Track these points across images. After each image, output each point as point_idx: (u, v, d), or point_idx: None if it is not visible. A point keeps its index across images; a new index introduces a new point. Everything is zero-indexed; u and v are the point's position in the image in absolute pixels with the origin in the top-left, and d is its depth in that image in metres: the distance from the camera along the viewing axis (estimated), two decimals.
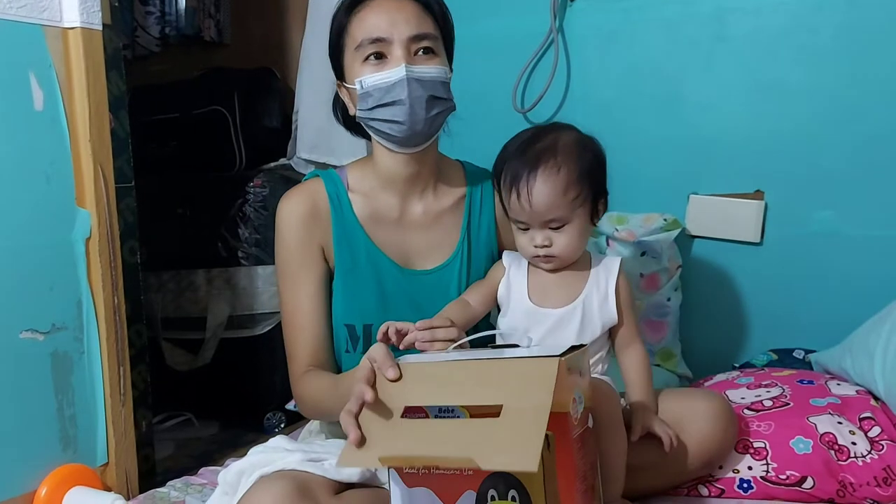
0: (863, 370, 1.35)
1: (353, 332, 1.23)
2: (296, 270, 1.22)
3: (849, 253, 1.62)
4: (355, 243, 1.23)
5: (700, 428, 1.17)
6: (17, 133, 1.30)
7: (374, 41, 1.14)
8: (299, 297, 1.22)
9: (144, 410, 1.51)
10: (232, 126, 2.07)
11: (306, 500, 0.98)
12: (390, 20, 1.14)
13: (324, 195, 1.23)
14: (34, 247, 1.32)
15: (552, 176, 1.11)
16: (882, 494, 1.17)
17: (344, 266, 1.23)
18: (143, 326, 1.51)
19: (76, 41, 1.36)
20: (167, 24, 2.22)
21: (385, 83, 1.14)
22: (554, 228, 1.14)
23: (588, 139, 1.18)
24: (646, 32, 1.77)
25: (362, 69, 1.15)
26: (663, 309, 1.74)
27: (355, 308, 1.23)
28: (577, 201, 1.13)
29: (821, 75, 1.63)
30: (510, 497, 0.87)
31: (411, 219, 1.26)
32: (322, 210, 1.23)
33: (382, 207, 1.25)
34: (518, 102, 1.90)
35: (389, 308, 1.22)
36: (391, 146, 1.19)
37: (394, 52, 1.14)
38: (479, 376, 0.89)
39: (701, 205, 1.75)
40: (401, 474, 0.91)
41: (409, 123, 1.15)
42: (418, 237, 1.26)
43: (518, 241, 1.18)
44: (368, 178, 1.26)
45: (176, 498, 1.31)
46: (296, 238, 1.22)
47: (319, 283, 1.23)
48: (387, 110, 1.15)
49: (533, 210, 1.12)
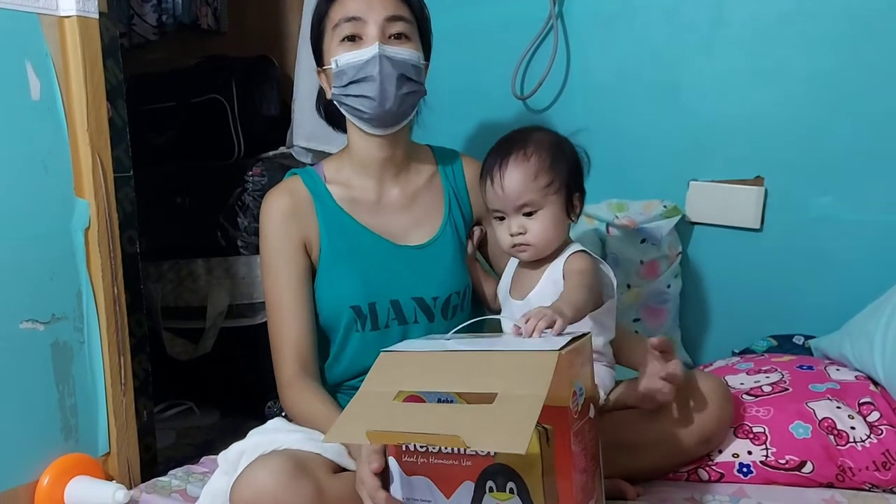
0: (862, 355, 1.35)
1: (360, 312, 1.27)
2: (279, 266, 1.26)
3: (849, 238, 1.62)
4: (345, 228, 1.28)
5: (698, 405, 1.19)
6: (15, 123, 1.29)
7: (349, 20, 1.21)
8: (282, 292, 1.25)
9: (145, 400, 1.52)
10: (230, 114, 2.06)
11: (304, 477, 0.99)
12: (367, 3, 1.21)
13: (304, 190, 1.29)
14: (33, 237, 1.32)
15: (523, 162, 1.18)
16: (881, 479, 1.18)
17: (338, 252, 1.27)
18: (143, 316, 1.51)
19: (72, 30, 1.35)
20: (164, 12, 2.20)
21: (358, 61, 1.21)
22: (527, 215, 1.18)
23: (563, 139, 1.24)
24: (645, 18, 1.76)
25: (338, 49, 1.22)
26: (663, 296, 1.74)
27: (358, 288, 1.26)
28: (549, 189, 1.18)
29: (821, 61, 1.62)
30: (508, 489, 0.87)
31: (389, 201, 1.32)
32: (304, 204, 1.28)
33: (360, 192, 1.31)
34: (517, 89, 1.89)
35: (392, 281, 1.27)
36: (364, 126, 1.26)
37: (368, 31, 1.21)
38: (477, 367, 0.89)
39: (701, 191, 1.74)
40: (400, 462, 0.92)
41: (379, 99, 1.21)
42: (398, 217, 1.32)
43: (497, 233, 1.23)
44: (345, 167, 1.32)
45: (178, 486, 1.32)
46: (278, 234, 1.26)
47: (302, 279, 1.26)
48: (358, 86, 1.21)
49: (505, 194, 1.18)
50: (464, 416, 0.81)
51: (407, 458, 0.91)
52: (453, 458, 0.88)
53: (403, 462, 0.91)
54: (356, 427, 0.83)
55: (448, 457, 0.89)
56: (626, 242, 1.72)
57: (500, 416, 0.78)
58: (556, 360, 0.82)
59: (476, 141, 1.92)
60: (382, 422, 0.83)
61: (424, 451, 0.90)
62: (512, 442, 0.74)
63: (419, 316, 1.30)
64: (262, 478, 0.98)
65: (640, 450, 1.19)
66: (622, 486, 1.16)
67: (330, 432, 0.86)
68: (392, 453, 0.92)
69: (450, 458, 0.89)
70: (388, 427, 0.82)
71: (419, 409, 0.86)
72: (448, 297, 1.31)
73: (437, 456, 0.89)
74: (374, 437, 0.82)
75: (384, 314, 1.28)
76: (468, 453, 0.87)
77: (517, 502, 0.86)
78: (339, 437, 0.90)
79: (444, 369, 0.91)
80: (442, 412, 0.84)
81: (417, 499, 0.91)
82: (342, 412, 0.87)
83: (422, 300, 1.30)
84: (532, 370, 0.82)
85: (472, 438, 0.76)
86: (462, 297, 1.33)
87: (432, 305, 1.30)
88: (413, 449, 0.90)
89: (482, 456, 0.87)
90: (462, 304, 1.34)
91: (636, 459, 1.19)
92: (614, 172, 1.78)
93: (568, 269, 1.18)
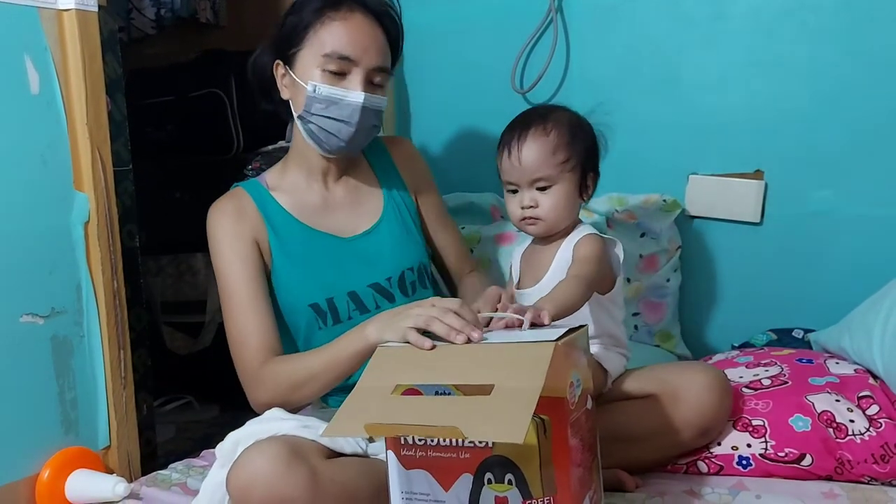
0: (861, 349, 1.35)
1: (320, 309, 1.28)
2: (233, 262, 1.26)
3: (848, 232, 1.62)
4: (291, 232, 1.30)
5: (696, 395, 1.19)
6: (14, 117, 1.29)
7: (342, 58, 1.22)
8: (239, 286, 1.25)
9: (145, 394, 1.52)
10: (229, 108, 2.06)
11: (299, 462, 0.99)
12: (363, 45, 1.23)
13: (248, 198, 1.31)
14: (33, 231, 1.32)
15: (542, 136, 1.18)
16: (880, 471, 1.18)
17: (287, 254, 1.28)
18: (142, 310, 1.52)
19: (71, 23, 1.35)
20: (162, 6, 2.20)
21: (339, 98, 1.23)
22: (540, 189, 1.19)
23: (584, 120, 1.24)
24: (645, 11, 1.76)
25: (321, 76, 1.23)
26: (662, 290, 1.74)
27: (313, 286, 1.28)
28: (566, 165, 1.18)
29: (821, 54, 1.62)
30: (507, 481, 0.87)
31: (334, 200, 1.35)
32: (248, 209, 1.29)
33: (307, 197, 1.33)
34: (517, 82, 1.88)
35: (346, 274, 1.30)
36: (318, 150, 1.29)
37: (355, 74, 1.23)
38: (473, 359, 0.90)
39: (700, 185, 1.74)
40: (399, 456, 0.92)
41: (346, 143, 1.26)
42: (344, 213, 1.35)
43: (508, 206, 1.24)
44: (289, 173, 1.35)
45: (178, 480, 1.32)
46: (229, 232, 1.27)
47: (258, 274, 1.26)
48: (332, 123, 1.24)
49: (522, 167, 1.18)
50: (461, 407, 0.81)
51: (406, 451, 0.91)
52: (452, 450, 0.88)
53: (402, 456, 0.91)
54: (354, 421, 0.83)
55: (446, 449, 0.89)
56: (625, 236, 1.72)
57: (497, 406, 0.78)
58: (553, 351, 0.83)
59: (475, 135, 1.92)
60: (381, 415, 0.83)
61: (423, 445, 0.90)
62: (509, 431, 0.74)
63: (379, 300, 1.31)
64: (258, 464, 0.98)
65: (639, 441, 1.19)
66: (621, 477, 1.17)
67: (328, 427, 0.86)
68: (391, 447, 0.92)
69: (448, 451, 0.89)
70: (386, 420, 0.82)
71: (417, 402, 0.86)
72: (402, 274, 1.33)
73: (435, 449, 0.89)
74: (373, 430, 0.82)
75: (343, 307, 1.29)
76: (466, 445, 0.87)
77: (515, 493, 0.86)
78: (337, 432, 0.90)
79: (441, 362, 0.91)
80: (439, 404, 0.85)
81: (416, 492, 0.91)
82: (340, 407, 0.87)
83: (377, 285, 1.31)
84: (528, 361, 0.83)
85: (469, 429, 0.77)
86: (417, 272, 1.36)
87: (387, 286, 1.32)
88: (412, 442, 0.90)
89: (480, 448, 0.87)
90: (421, 280, 1.36)
91: (635, 451, 1.20)
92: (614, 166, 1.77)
93: (576, 254, 1.18)
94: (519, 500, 0.86)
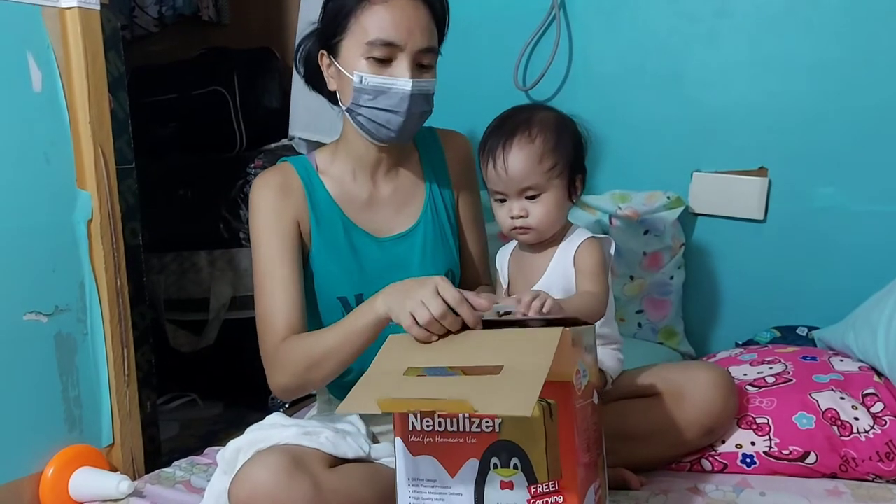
0: (866, 346, 1.35)
1: (347, 304, 1.25)
2: (271, 238, 1.22)
3: (852, 229, 1.62)
4: (333, 220, 1.26)
5: (701, 395, 1.19)
6: (16, 114, 1.29)
7: (386, 44, 1.16)
8: (275, 264, 1.21)
9: (149, 391, 1.52)
10: (232, 106, 2.06)
11: (301, 472, 0.99)
12: (407, 28, 1.16)
13: (296, 176, 1.26)
14: (36, 229, 1.32)
15: (527, 144, 1.15)
16: (884, 469, 1.18)
17: (326, 242, 1.25)
18: (145, 308, 1.52)
19: (74, 21, 1.35)
20: (164, 4, 2.20)
21: (386, 87, 1.17)
22: (530, 198, 1.16)
23: (566, 118, 1.21)
24: (648, 8, 1.75)
25: (364, 64, 1.17)
26: (666, 287, 1.74)
27: (344, 280, 1.25)
28: (553, 172, 1.15)
29: (824, 51, 1.61)
30: (512, 465, 0.88)
31: (380, 197, 1.30)
32: (295, 187, 1.25)
33: (353, 189, 1.28)
34: (520, 80, 1.88)
35: (377, 274, 1.25)
36: (370, 139, 1.23)
37: (401, 60, 1.17)
38: (483, 344, 0.93)
39: (704, 182, 1.74)
40: (406, 443, 0.93)
41: (397, 132, 1.20)
42: (386, 211, 1.30)
43: (496, 215, 1.21)
44: (339, 161, 1.29)
45: (181, 478, 1.32)
46: (272, 208, 1.22)
47: (295, 254, 1.22)
48: (381, 114, 1.19)
49: (509, 177, 1.15)
50: (471, 384, 0.84)
51: (413, 437, 0.92)
52: (459, 436, 0.90)
53: (410, 442, 0.93)
54: (367, 398, 0.86)
55: (454, 435, 0.90)
56: (629, 234, 1.72)
57: (506, 383, 0.81)
58: (560, 335, 0.85)
59: (478, 133, 1.91)
60: (393, 393, 0.86)
61: (431, 430, 0.91)
62: (518, 405, 0.77)
63: None
64: (260, 475, 0.98)
65: (644, 440, 1.19)
66: (626, 475, 1.17)
67: (343, 404, 0.88)
68: (399, 433, 0.94)
69: (455, 437, 0.90)
70: (397, 394, 0.85)
71: (428, 381, 0.89)
72: None
73: (442, 434, 0.91)
74: (385, 405, 0.84)
75: None
76: (473, 430, 0.89)
77: (521, 478, 0.88)
78: (351, 408, 0.90)
79: (451, 347, 0.94)
80: (450, 382, 0.88)
81: (423, 478, 0.93)
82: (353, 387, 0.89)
83: None
84: (537, 344, 0.85)
85: (479, 403, 0.79)
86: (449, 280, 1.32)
87: None
88: (419, 428, 0.92)
89: (487, 433, 0.89)
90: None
91: (639, 449, 1.20)
92: (617, 163, 1.78)
93: (580, 265, 1.16)
94: (524, 484, 0.87)
